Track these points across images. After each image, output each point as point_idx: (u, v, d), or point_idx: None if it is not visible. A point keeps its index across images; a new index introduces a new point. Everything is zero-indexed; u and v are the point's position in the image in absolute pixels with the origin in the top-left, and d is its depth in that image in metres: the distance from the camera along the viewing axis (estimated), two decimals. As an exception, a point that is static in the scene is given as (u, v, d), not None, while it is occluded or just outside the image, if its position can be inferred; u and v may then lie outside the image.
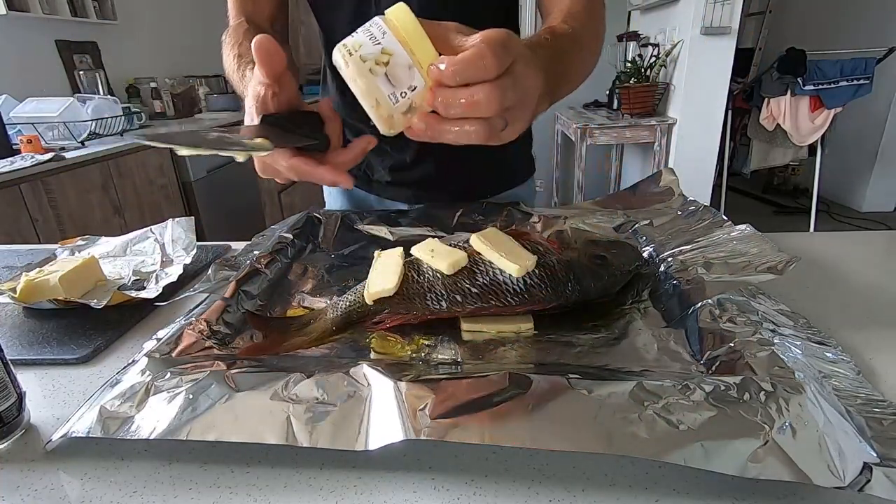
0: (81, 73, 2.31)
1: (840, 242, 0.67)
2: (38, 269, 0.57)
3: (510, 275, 0.46)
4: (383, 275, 0.49)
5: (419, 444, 0.30)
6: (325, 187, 0.88)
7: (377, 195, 0.83)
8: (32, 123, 1.79)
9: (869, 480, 0.27)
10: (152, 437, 0.32)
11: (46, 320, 0.53)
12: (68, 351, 0.47)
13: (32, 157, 1.55)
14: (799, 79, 2.44)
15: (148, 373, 0.37)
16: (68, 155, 1.65)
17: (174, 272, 0.60)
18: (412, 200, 0.80)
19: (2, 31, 2.03)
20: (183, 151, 0.34)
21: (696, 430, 0.29)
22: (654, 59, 2.50)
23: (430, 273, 0.48)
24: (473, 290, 0.47)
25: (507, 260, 0.46)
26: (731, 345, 0.38)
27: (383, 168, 0.79)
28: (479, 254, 0.49)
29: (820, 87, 2.44)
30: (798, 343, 0.39)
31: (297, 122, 0.43)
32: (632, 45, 2.82)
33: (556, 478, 0.31)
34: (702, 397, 0.31)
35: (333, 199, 0.89)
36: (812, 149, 2.71)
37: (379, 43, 0.31)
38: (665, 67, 2.51)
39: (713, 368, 0.37)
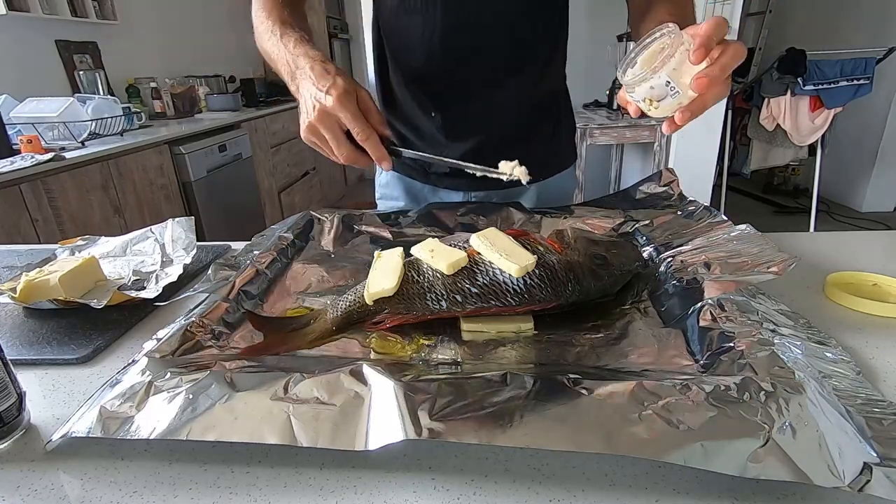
0: (81, 73, 2.30)
1: (840, 242, 0.67)
2: (38, 269, 0.57)
3: (510, 275, 0.46)
4: (383, 275, 0.49)
5: (419, 444, 0.30)
6: (377, 183, 0.91)
7: (433, 186, 0.83)
8: (32, 123, 1.78)
9: (869, 480, 0.27)
10: (152, 437, 0.32)
11: (46, 320, 0.53)
12: (68, 351, 0.47)
13: (32, 157, 1.55)
14: (799, 79, 2.44)
15: (148, 373, 0.37)
16: (68, 155, 1.64)
17: (174, 272, 0.60)
18: (468, 189, 0.81)
19: (2, 31, 2.02)
20: None
21: (696, 430, 0.29)
22: (654, 59, 2.50)
23: (430, 273, 0.48)
24: (473, 290, 0.47)
25: (507, 260, 0.46)
26: (731, 345, 0.38)
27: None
28: (479, 254, 0.49)
29: (820, 87, 2.44)
30: (798, 343, 0.39)
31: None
32: (631, 45, 2.81)
33: (556, 478, 0.31)
34: (702, 397, 0.31)
35: (389, 191, 0.89)
36: (812, 149, 2.71)
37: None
38: (665, 67, 2.51)
39: (713, 368, 0.37)
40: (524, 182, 0.53)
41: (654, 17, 0.60)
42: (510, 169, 0.54)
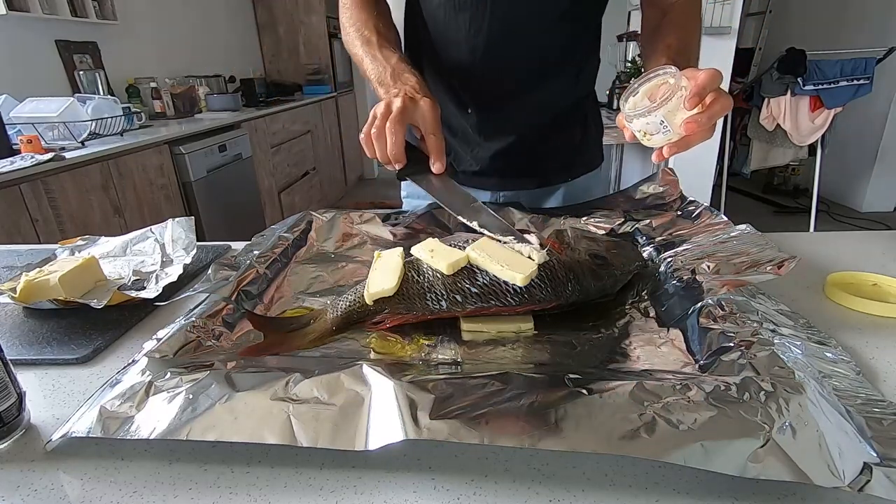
0: (81, 73, 2.30)
1: (840, 242, 0.67)
2: (38, 269, 0.57)
3: (510, 275, 0.46)
4: (383, 275, 0.49)
5: (419, 444, 0.30)
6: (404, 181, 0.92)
7: (461, 185, 0.84)
8: (32, 123, 1.78)
9: (869, 480, 0.27)
10: (152, 437, 0.32)
11: (46, 320, 0.53)
12: (68, 351, 0.47)
13: (32, 157, 1.55)
14: (799, 79, 2.43)
15: (148, 373, 0.37)
16: (68, 155, 1.64)
17: (174, 272, 0.60)
18: (497, 188, 0.82)
19: (2, 31, 2.02)
20: None
21: (696, 430, 0.29)
22: (654, 59, 2.50)
23: (430, 273, 0.48)
24: (473, 290, 0.47)
25: (510, 270, 0.45)
26: (731, 345, 0.38)
27: (473, 158, 0.80)
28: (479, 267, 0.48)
29: (820, 87, 2.44)
30: (798, 343, 0.39)
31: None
32: (632, 45, 2.82)
33: (556, 478, 0.31)
34: (702, 397, 0.31)
35: (415, 189, 0.87)
36: (812, 149, 2.71)
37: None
38: (665, 67, 2.51)
39: (713, 368, 0.37)
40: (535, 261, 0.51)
41: (662, 40, 0.63)
42: (529, 251, 0.51)
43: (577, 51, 0.75)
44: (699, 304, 0.44)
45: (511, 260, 0.47)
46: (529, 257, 0.49)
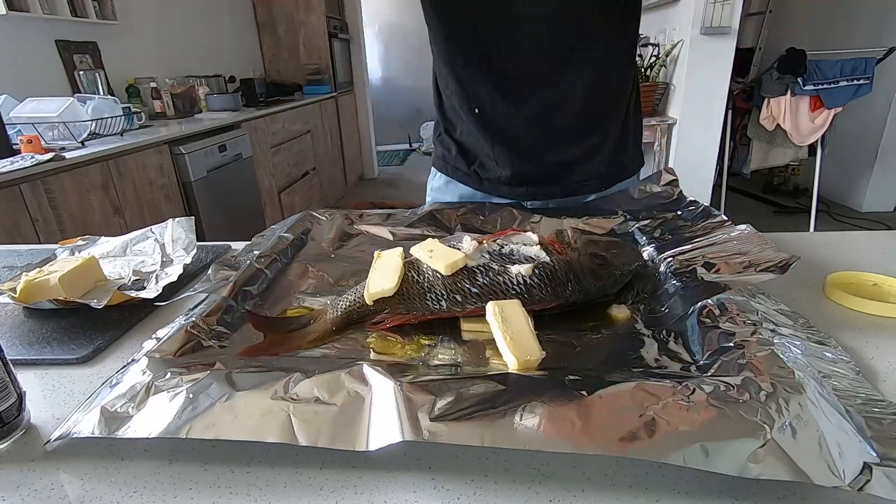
0: (81, 73, 2.30)
1: (840, 242, 0.67)
2: (38, 269, 0.57)
3: (510, 275, 0.46)
4: (383, 275, 0.49)
5: (419, 444, 0.30)
6: (430, 187, 0.88)
7: (486, 193, 0.81)
8: (32, 123, 1.78)
9: (869, 480, 0.27)
10: (152, 436, 0.32)
11: (46, 320, 0.53)
12: (68, 351, 0.47)
13: (32, 157, 1.55)
14: (799, 79, 2.44)
15: (148, 373, 0.37)
16: (68, 155, 1.64)
17: (174, 272, 0.60)
18: (524, 197, 0.78)
19: (2, 31, 2.02)
20: None
21: (696, 431, 0.29)
22: (654, 58, 2.50)
23: (430, 273, 0.48)
24: (473, 290, 0.47)
25: (508, 347, 0.40)
26: (731, 345, 0.38)
27: (501, 166, 0.77)
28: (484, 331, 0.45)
29: (820, 87, 2.44)
30: (798, 343, 0.39)
31: None
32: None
33: (556, 478, 0.31)
34: (702, 397, 0.31)
35: (440, 195, 0.86)
36: (812, 149, 2.71)
37: None
38: (665, 67, 2.51)
39: (713, 368, 0.37)
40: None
41: None
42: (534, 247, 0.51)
43: (597, 29, 0.68)
44: (699, 304, 0.44)
45: (519, 339, 0.41)
46: (529, 257, 0.49)
